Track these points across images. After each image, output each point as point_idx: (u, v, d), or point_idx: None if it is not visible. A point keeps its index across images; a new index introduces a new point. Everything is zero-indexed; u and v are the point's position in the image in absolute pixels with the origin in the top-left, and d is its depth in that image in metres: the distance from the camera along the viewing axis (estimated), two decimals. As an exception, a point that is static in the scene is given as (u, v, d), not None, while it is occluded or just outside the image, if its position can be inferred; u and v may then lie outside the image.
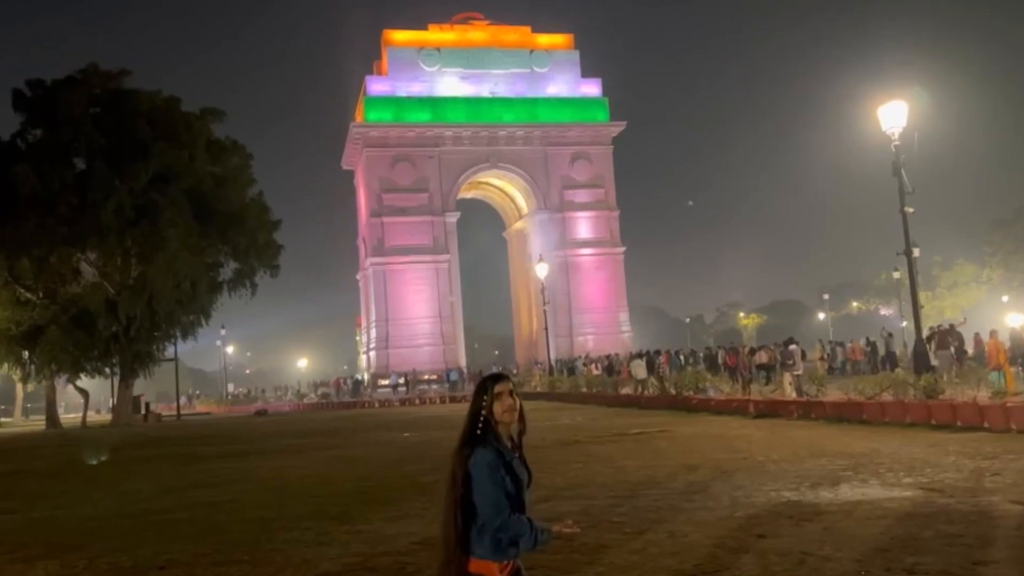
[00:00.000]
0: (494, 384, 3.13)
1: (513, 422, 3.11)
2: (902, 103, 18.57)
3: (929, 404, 14.85)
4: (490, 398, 3.10)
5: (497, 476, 3.00)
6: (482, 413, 3.10)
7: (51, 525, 9.79)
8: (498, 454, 3.05)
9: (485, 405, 3.10)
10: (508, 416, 3.08)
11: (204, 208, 40.14)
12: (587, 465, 11.84)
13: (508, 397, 3.09)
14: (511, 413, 3.09)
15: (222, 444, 21.91)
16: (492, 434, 3.09)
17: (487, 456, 3.02)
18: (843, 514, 7.33)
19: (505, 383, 3.14)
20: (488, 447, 3.05)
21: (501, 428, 3.10)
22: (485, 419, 3.09)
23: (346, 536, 7.64)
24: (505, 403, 3.08)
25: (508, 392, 3.10)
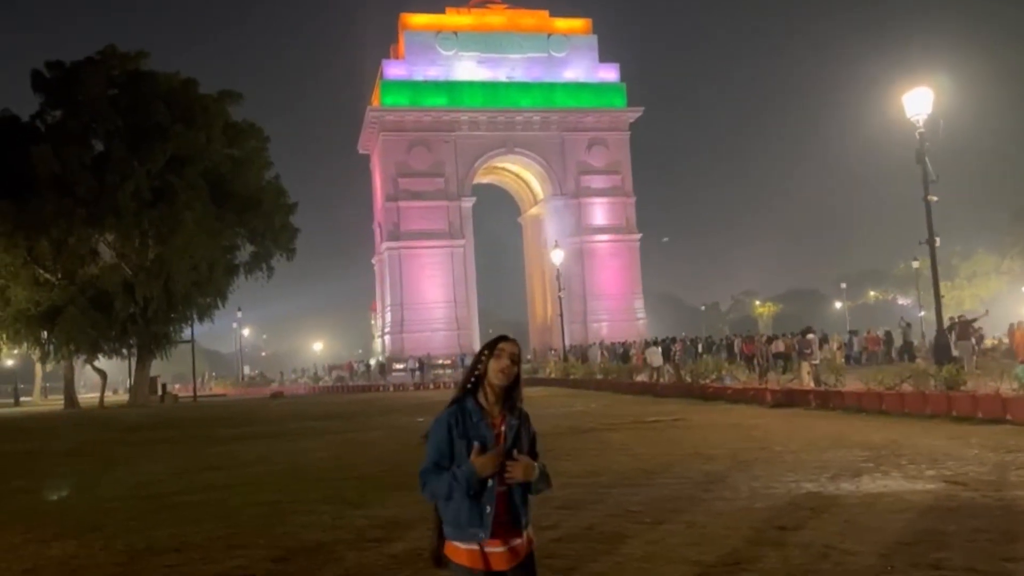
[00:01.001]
0: (499, 341, 3.05)
1: (503, 384, 2.98)
2: (927, 90, 18.25)
3: (950, 395, 14.66)
4: (489, 354, 3.01)
5: (440, 437, 2.92)
6: (478, 368, 3.01)
7: (68, 506, 9.84)
8: (460, 412, 2.96)
9: (483, 360, 3.02)
10: (499, 378, 2.96)
11: (221, 190, 40.28)
12: (602, 453, 11.77)
13: (507, 359, 2.98)
14: (503, 375, 2.96)
15: (238, 426, 22.01)
16: (480, 391, 3.00)
17: (440, 416, 2.97)
18: (865, 507, 7.21)
19: (511, 344, 3.03)
20: (458, 405, 2.98)
21: (490, 389, 2.99)
22: (478, 375, 3.00)
23: (362, 521, 7.60)
24: (502, 363, 2.97)
25: (509, 354, 2.99)
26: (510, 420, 2.99)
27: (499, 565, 2.87)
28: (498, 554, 2.87)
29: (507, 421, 2.99)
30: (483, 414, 2.97)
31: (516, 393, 3.04)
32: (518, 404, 3.05)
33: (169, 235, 37.73)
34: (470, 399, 3.02)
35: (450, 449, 2.92)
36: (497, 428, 2.96)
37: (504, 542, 2.89)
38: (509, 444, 2.95)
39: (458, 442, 2.91)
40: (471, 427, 2.93)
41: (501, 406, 3.02)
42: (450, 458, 2.91)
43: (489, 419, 2.97)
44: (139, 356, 41.47)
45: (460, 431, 2.92)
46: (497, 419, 2.98)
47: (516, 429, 3.00)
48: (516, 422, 3.01)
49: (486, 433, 2.92)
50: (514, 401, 3.04)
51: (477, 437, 2.91)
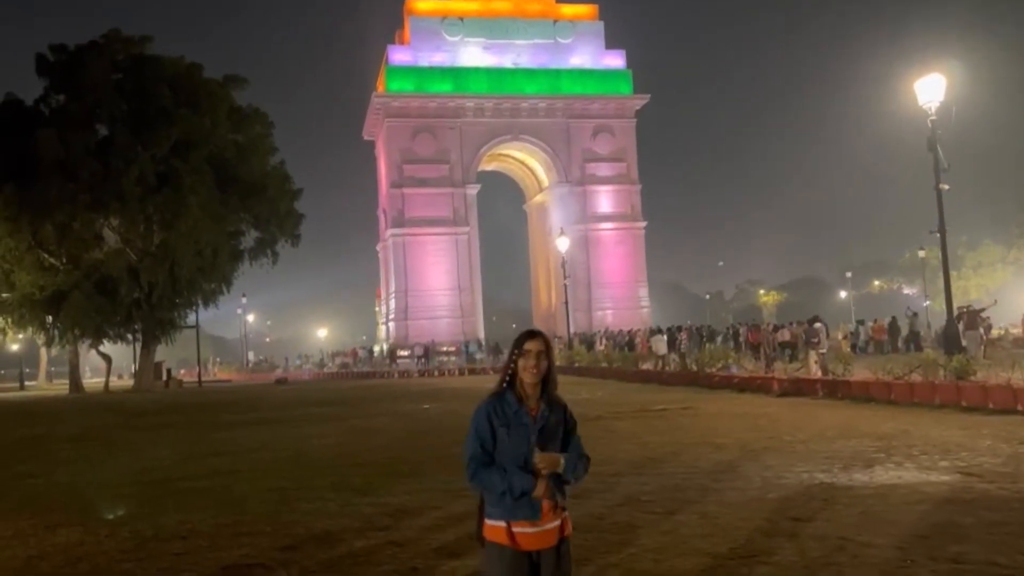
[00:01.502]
0: (526, 340, 3.14)
1: (533, 382, 3.10)
2: (939, 76, 18.05)
3: (960, 386, 14.54)
4: (519, 353, 3.12)
5: (481, 425, 3.05)
6: (510, 367, 3.13)
7: (73, 491, 9.78)
8: (499, 403, 3.09)
9: (514, 359, 3.13)
10: (529, 376, 3.08)
11: (225, 176, 40.20)
12: (610, 442, 11.69)
13: (532, 358, 3.08)
14: (531, 373, 3.08)
15: (243, 412, 21.99)
16: (514, 388, 3.12)
17: (480, 406, 3.10)
18: (879, 498, 7.11)
19: (537, 341, 3.13)
20: (498, 396, 3.12)
21: (524, 386, 3.11)
22: (512, 373, 3.12)
23: (369, 509, 7.53)
24: (528, 362, 3.08)
25: (535, 352, 3.09)
26: (544, 410, 3.12)
27: (528, 545, 2.98)
28: (529, 535, 2.98)
29: (541, 411, 3.12)
30: (520, 404, 3.11)
31: (550, 384, 3.16)
32: (554, 393, 3.18)
33: (174, 220, 37.67)
34: (509, 392, 3.14)
35: (492, 437, 3.07)
36: (533, 417, 3.11)
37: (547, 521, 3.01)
38: (537, 433, 3.07)
39: (499, 430, 3.05)
40: (511, 416, 3.07)
41: (538, 397, 3.14)
42: (492, 444, 3.06)
43: (526, 408, 3.11)
44: (144, 341, 41.51)
45: (501, 420, 3.07)
46: (534, 409, 3.12)
47: (546, 419, 3.12)
48: (548, 412, 3.13)
49: (526, 420, 3.07)
50: (549, 391, 3.16)
51: (516, 424, 3.05)
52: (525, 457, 3.01)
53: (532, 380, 3.09)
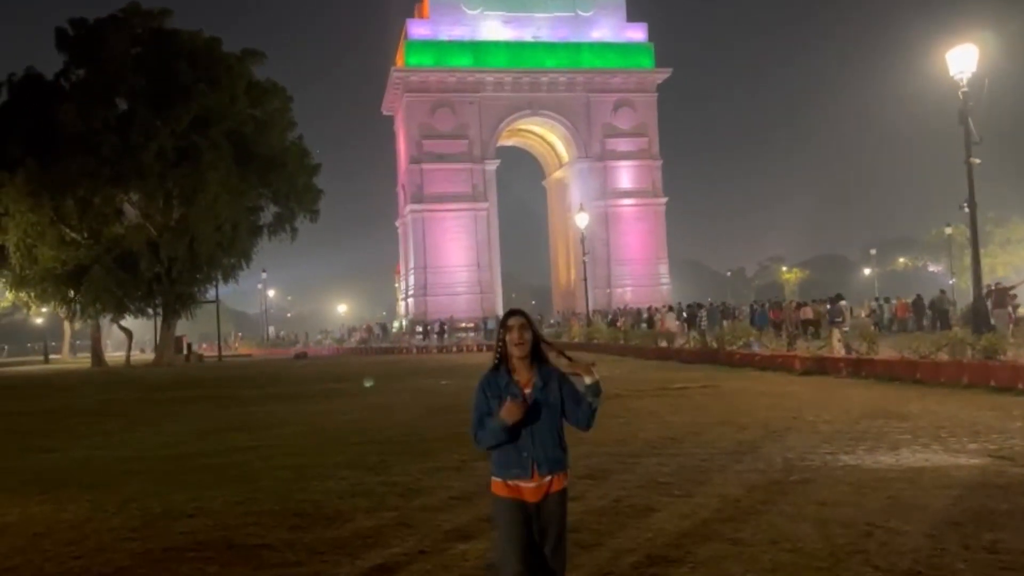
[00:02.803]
0: (507, 319, 3.45)
1: (521, 355, 3.38)
2: (972, 47, 17.49)
3: (989, 365, 14.18)
4: (504, 331, 3.41)
5: (479, 399, 3.40)
6: (499, 345, 3.44)
7: (88, 466, 9.73)
8: (491, 379, 3.42)
9: (500, 337, 3.43)
10: (516, 350, 3.37)
11: (244, 151, 40.11)
12: (630, 421, 11.48)
13: (516, 331, 3.37)
14: (517, 347, 3.37)
15: (262, 387, 22.01)
16: (506, 364, 3.42)
17: (479, 382, 3.44)
18: (907, 482, 6.86)
19: (517, 318, 3.43)
20: (490, 373, 3.44)
21: (514, 360, 3.40)
22: (501, 351, 3.42)
23: (382, 488, 7.38)
24: (512, 336, 3.37)
25: (518, 327, 3.38)
26: (536, 381, 3.40)
27: (530, 497, 3.33)
28: (530, 488, 3.33)
29: (535, 383, 3.41)
30: (511, 378, 3.41)
31: (540, 354, 3.45)
32: (546, 364, 3.45)
33: (193, 195, 37.69)
34: (502, 367, 3.45)
35: (488, 407, 3.39)
36: (525, 387, 3.40)
37: (536, 479, 3.33)
38: (533, 399, 3.36)
39: (492, 401, 3.38)
40: (502, 389, 3.39)
41: (529, 369, 3.43)
42: (489, 415, 3.37)
43: (516, 381, 3.41)
44: (164, 316, 41.73)
45: (493, 392, 3.40)
46: (525, 381, 3.41)
47: (542, 387, 3.40)
48: (542, 382, 3.41)
49: (515, 391, 3.37)
50: (541, 362, 3.44)
51: (507, 396, 3.35)
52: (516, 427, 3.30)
53: (520, 353, 3.38)
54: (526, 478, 3.32)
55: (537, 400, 3.36)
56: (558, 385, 3.42)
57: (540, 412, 3.36)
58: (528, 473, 3.32)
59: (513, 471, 3.33)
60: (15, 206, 37.19)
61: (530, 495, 3.33)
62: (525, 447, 3.33)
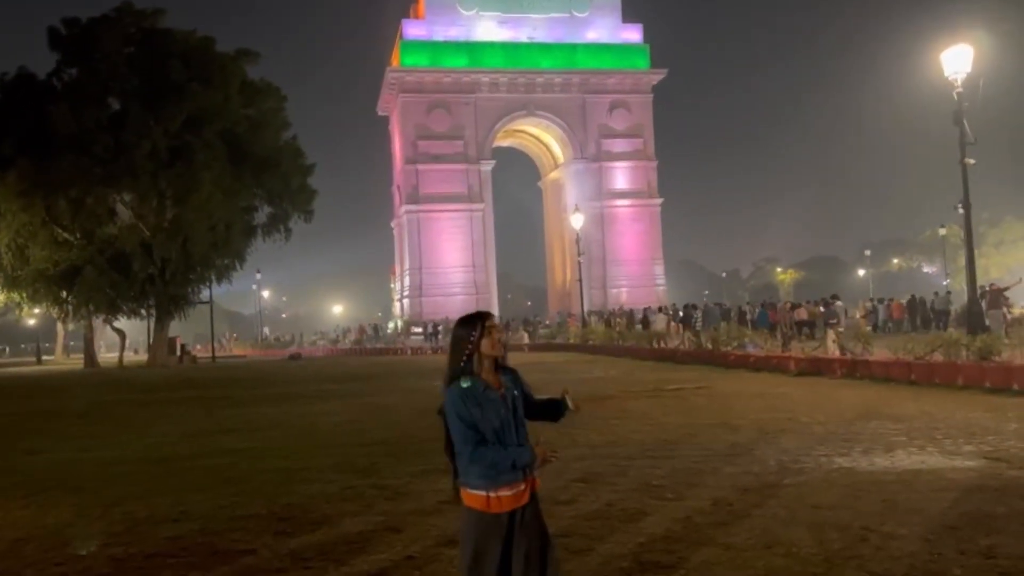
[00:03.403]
0: (484, 321, 3.33)
1: (497, 355, 3.32)
2: (967, 47, 17.45)
3: (983, 366, 14.12)
4: (480, 332, 3.28)
5: (460, 410, 3.20)
6: (469, 346, 3.27)
7: (74, 468, 9.61)
8: (470, 388, 3.23)
9: (474, 339, 3.27)
10: (493, 351, 3.29)
11: (238, 151, 39.94)
12: (623, 422, 11.39)
13: (498, 331, 3.33)
14: (496, 348, 3.29)
15: (254, 388, 21.88)
16: (475, 366, 3.28)
17: (454, 393, 3.23)
18: (903, 484, 6.78)
19: (494, 319, 3.38)
20: (462, 381, 3.24)
21: (484, 362, 3.29)
22: (471, 352, 3.27)
23: (371, 492, 7.27)
24: (493, 338, 3.29)
25: (498, 328, 3.35)
26: (505, 381, 3.33)
27: (513, 504, 3.22)
28: (505, 498, 3.21)
29: (504, 383, 3.33)
30: (486, 382, 3.28)
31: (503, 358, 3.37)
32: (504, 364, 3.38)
33: (186, 195, 37.50)
34: (472, 376, 3.28)
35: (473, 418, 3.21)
36: (500, 391, 3.29)
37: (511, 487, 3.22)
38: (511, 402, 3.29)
39: (475, 410, 3.20)
40: (479, 395, 3.23)
41: (494, 371, 3.34)
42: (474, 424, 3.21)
43: (491, 385, 3.29)
44: (157, 317, 41.53)
45: (473, 401, 3.21)
46: (495, 383, 3.30)
47: (513, 389, 3.34)
48: (511, 383, 3.35)
49: (494, 397, 3.25)
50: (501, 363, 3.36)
51: (488, 402, 3.22)
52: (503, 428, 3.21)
53: (497, 353, 3.30)
54: (517, 483, 3.22)
55: (514, 400, 3.31)
56: (520, 383, 3.40)
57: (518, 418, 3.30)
58: (520, 478, 3.24)
59: (504, 478, 3.20)
60: (7, 206, 37.00)
61: (513, 502, 3.22)
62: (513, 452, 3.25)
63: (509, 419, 3.25)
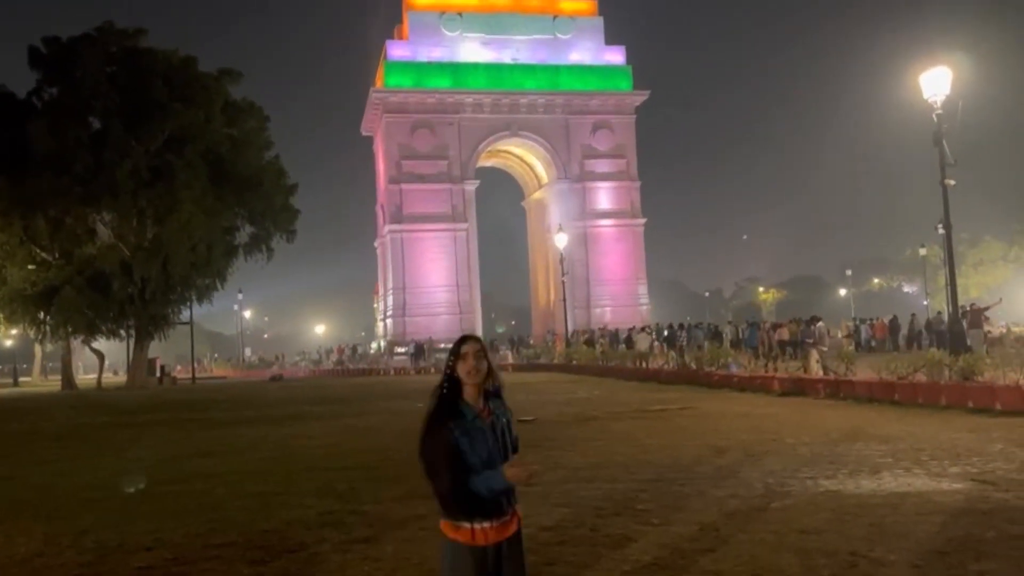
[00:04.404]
0: (460, 345, 3.21)
1: (477, 384, 3.17)
2: (946, 69, 17.63)
3: (966, 386, 14.15)
4: (456, 359, 3.17)
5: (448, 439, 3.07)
6: (450, 374, 3.19)
7: (47, 493, 9.38)
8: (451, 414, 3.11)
9: (451, 365, 3.18)
10: (471, 378, 3.15)
11: (220, 170, 39.70)
12: (607, 444, 11.28)
13: (472, 358, 3.15)
14: (473, 375, 3.14)
15: (234, 410, 21.59)
16: (458, 394, 3.17)
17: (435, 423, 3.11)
18: (890, 508, 6.71)
19: (471, 344, 3.21)
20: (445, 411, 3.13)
21: (467, 389, 3.16)
22: (450, 379, 3.17)
23: (351, 518, 7.11)
24: (467, 365, 3.14)
25: (473, 353, 3.17)
26: (494, 408, 3.22)
27: (495, 538, 3.12)
28: (490, 530, 3.10)
29: (492, 411, 3.21)
30: (474, 411, 3.16)
31: (491, 381, 3.24)
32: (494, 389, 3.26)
33: (167, 215, 37.18)
34: (458, 401, 3.17)
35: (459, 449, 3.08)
36: (486, 419, 3.17)
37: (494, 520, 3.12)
38: (500, 431, 3.18)
39: (460, 439, 3.08)
40: (468, 425, 3.11)
41: (482, 396, 3.21)
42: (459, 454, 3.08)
43: (477, 411, 3.17)
44: (137, 337, 41.02)
45: (460, 430, 3.09)
46: (483, 410, 3.18)
47: (501, 416, 3.22)
48: (499, 410, 3.23)
49: (481, 425, 3.13)
50: (490, 389, 3.24)
51: (475, 431, 3.11)
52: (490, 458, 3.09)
53: (475, 381, 3.15)
54: (500, 516, 3.12)
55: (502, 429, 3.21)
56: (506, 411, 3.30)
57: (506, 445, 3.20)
58: (504, 511, 3.13)
59: (487, 508, 3.09)
60: (-16, 226, 36.53)
61: (495, 535, 3.11)
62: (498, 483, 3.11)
63: (496, 448, 3.14)
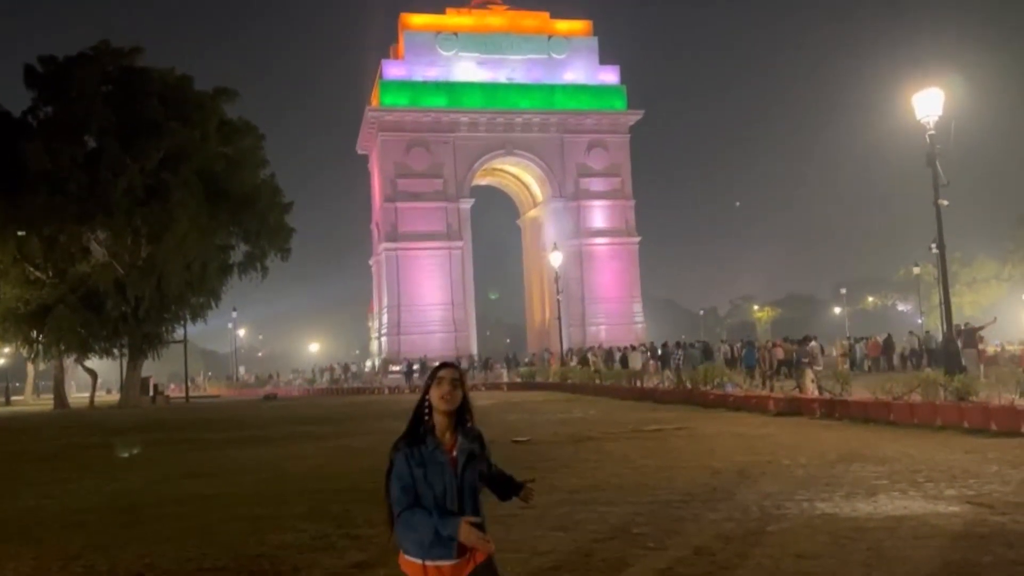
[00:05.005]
0: (439, 370, 3.13)
1: (449, 412, 3.07)
2: (938, 91, 17.76)
3: (962, 407, 14.13)
4: (431, 383, 3.10)
5: (400, 469, 2.98)
6: (426, 399, 3.10)
7: (36, 516, 9.28)
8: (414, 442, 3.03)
9: (426, 389, 3.11)
10: (443, 404, 3.05)
11: (215, 189, 39.72)
12: (602, 465, 11.22)
13: (447, 385, 3.07)
14: (445, 401, 3.05)
15: (226, 430, 21.45)
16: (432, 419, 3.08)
17: (399, 449, 3.02)
18: (887, 531, 6.66)
19: (450, 370, 3.12)
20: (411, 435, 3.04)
21: (437, 417, 3.07)
22: (429, 405, 3.08)
23: (344, 542, 7.05)
24: (442, 390, 3.06)
25: (450, 380, 3.08)
26: (462, 443, 3.08)
27: None
28: (444, 568, 2.96)
29: (459, 444, 3.08)
30: (436, 441, 3.05)
31: (467, 414, 3.13)
32: (469, 424, 3.15)
33: (162, 233, 37.16)
34: (422, 428, 3.08)
35: (412, 480, 2.98)
36: (450, 452, 3.05)
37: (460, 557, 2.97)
38: (462, 467, 3.04)
39: (415, 469, 2.98)
40: (426, 455, 3.01)
41: (452, 430, 3.10)
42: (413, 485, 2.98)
43: (442, 445, 3.05)
44: (130, 356, 40.87)
45: (417, 460, 2.99)
46: (449, 443, 3.07)
47: (468, 452, 3.08)
48: (468, 445, 3.09)
49: (441, 459, 3.01)
50: (465, 422, 3.13)
51: (432, 463, 2.99)
52: (445, 495, 2.97)
53: (446, 408, 3.05)
54: (449, 558, 2.94)
55: (464, 466, 3.05)
56: (480, 447, 3.15)
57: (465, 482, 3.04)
58: (452, 554, 2.94)
59: (435, 551, 2.94)
60: (-22, 244, 36.44)
61: (453, 572, 2.97)
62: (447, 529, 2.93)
63: (452, 485, 2.98)
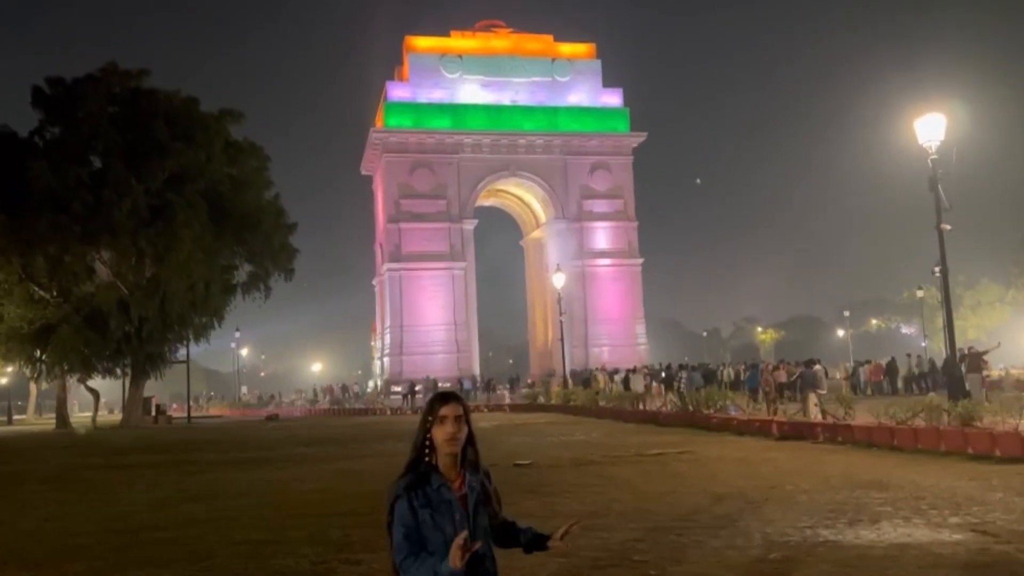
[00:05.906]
0: (440, 406, 2.84)
1: (454, 452, 2.82)
2: (940, 116, 17.82)
3: (966, 432, 14.06)
4: (433, 421, 2.82)
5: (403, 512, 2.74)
6: (427, 437, 2.83)
7: (36, 539, 9.25)
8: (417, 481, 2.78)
9: (429, 427, 2.83)
10: (447, 446, 2.80)
11: (220, 209, 39.83)
12: (604, 490, 11.16)
13: (452, 424, 2.80)
14: (451, 443, 2.80)
15: (228, 451, 21.37)
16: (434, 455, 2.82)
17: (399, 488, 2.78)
18: (891, 560, 6.62)
19: (453, 406, 2.84)
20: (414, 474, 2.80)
21: (441, 457, 2.82)
22: (431, 443, 2.82)
23: (344, 568, 7.02)
24: (447, 431, 2.79)
25: (454, 417, 2.81)
26: (470, 480, 2.86)
27: None
28: None
29: (467, 482, 2.85)
30: (441, 478, 2.81)
31: (471, 449, 2.89)
32: (477, 460, 2.91)
33: (166, 254, 37.21)
34: (424, 465, 2.83)
35: (416, 523, 2.74)
36: (458, 491, 2.82)
37: None
38: (472, 506, 2.83)
39: (421, 511, 2.74)
40: (432, 494, 2.78)
41: (459, 466, 2.86)
42: (417, 528, 2.74)
43: (448, 483, 2.82)
44: (133, 376, 40.81)
45: (421, 501, 2.76)
46: (456, 481, 2.84)
47: (478, 491, 2.87)
48: (477, 484, 2.87)
49: (448, 497, 2.79)
50: (472, 457, 2.89)
51: (440, 502, 2.76)
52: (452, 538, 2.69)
53: (452, 450, 2.81)
54: None
55: (476, 505, 2.84)
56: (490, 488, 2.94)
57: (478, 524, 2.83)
58: None
59: None
60: (-17, 263, 36.54)
61: None
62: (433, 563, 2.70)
63: (464, 526, 2.75)
